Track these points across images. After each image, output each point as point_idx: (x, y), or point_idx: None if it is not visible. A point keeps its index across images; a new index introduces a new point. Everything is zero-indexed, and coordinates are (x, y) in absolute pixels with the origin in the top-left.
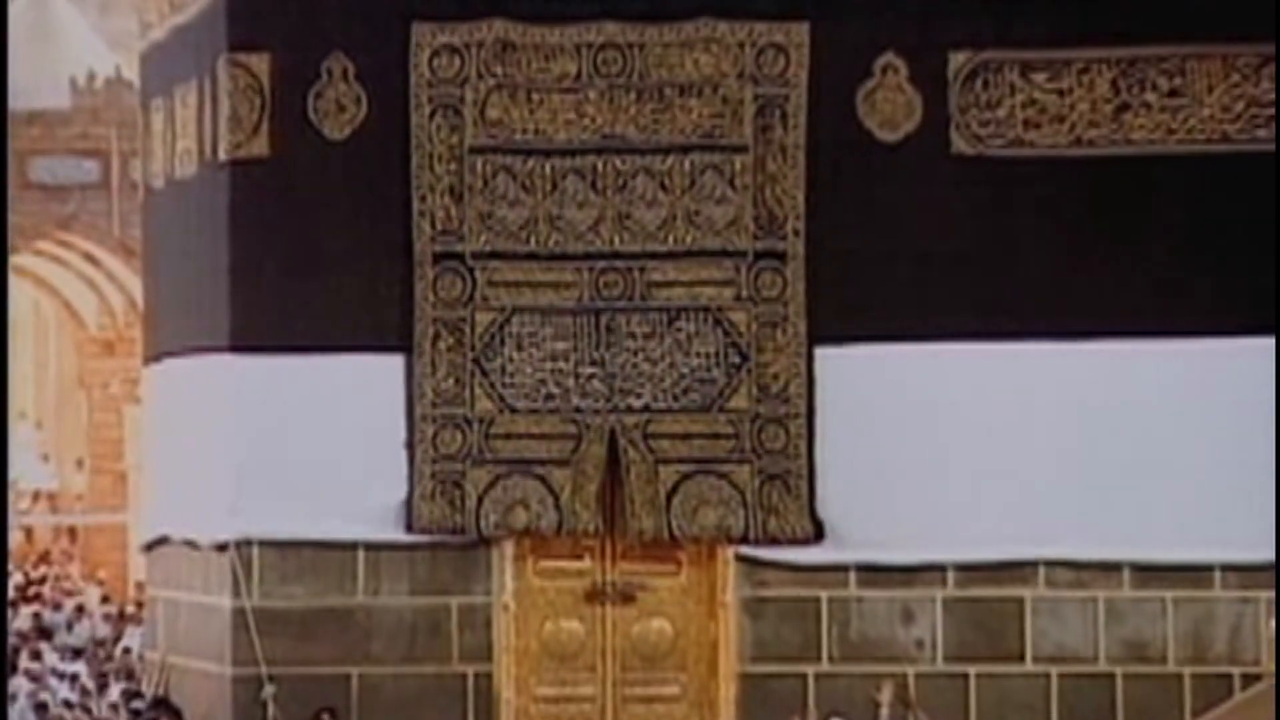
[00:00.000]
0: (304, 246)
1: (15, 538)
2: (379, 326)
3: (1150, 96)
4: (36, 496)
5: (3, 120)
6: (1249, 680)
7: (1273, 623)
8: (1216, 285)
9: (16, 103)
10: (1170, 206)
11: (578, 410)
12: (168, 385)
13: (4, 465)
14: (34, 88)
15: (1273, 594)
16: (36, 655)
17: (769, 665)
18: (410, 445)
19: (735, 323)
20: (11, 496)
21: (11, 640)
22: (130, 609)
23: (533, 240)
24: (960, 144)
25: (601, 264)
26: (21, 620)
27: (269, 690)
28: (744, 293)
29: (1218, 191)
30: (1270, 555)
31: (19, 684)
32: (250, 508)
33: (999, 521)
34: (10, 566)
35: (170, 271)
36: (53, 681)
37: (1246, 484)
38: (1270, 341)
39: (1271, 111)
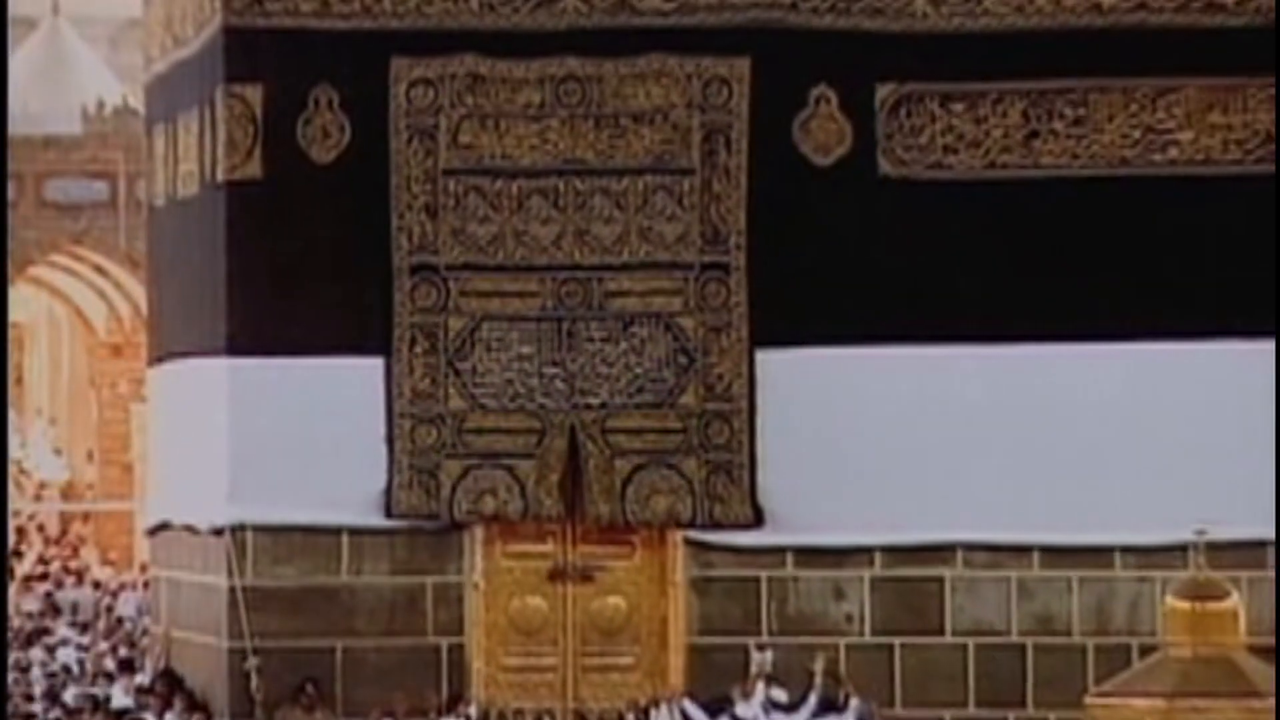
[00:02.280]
0: (293, 259)
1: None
2: (361, 332)
3: (1057, 125)
4: (42, 486)
5: (3, 134)
6: (1146, 651)
7: (1168, 598)
8: (1119, 294)
9: (33, 128)
10: (1075, 224)
11: (541, 408)
12: (170, 385)
13: (4, 464)
14: (49, 115)
15: (1168, 573)
16: (47, 631)
17: (714, 638)
18: (389, 439)
19: (684, 328)
20: (27, 486)
21: (28, 622)
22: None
23: (500, 254)
24: (886, 167)
25: (563, 275)
26: (37, 598)
27: (253, 662)
28: (692, 301)
29: (1117, 210)
30: (1163, 538)
31: (35, 654)
32: (244, 496)
33: (922, 507)
34: (37, 548)
35: (172, 281)
36: (66, 651)
37: (1142, 473)
38: (1172, 346)
39: (1168, 137)
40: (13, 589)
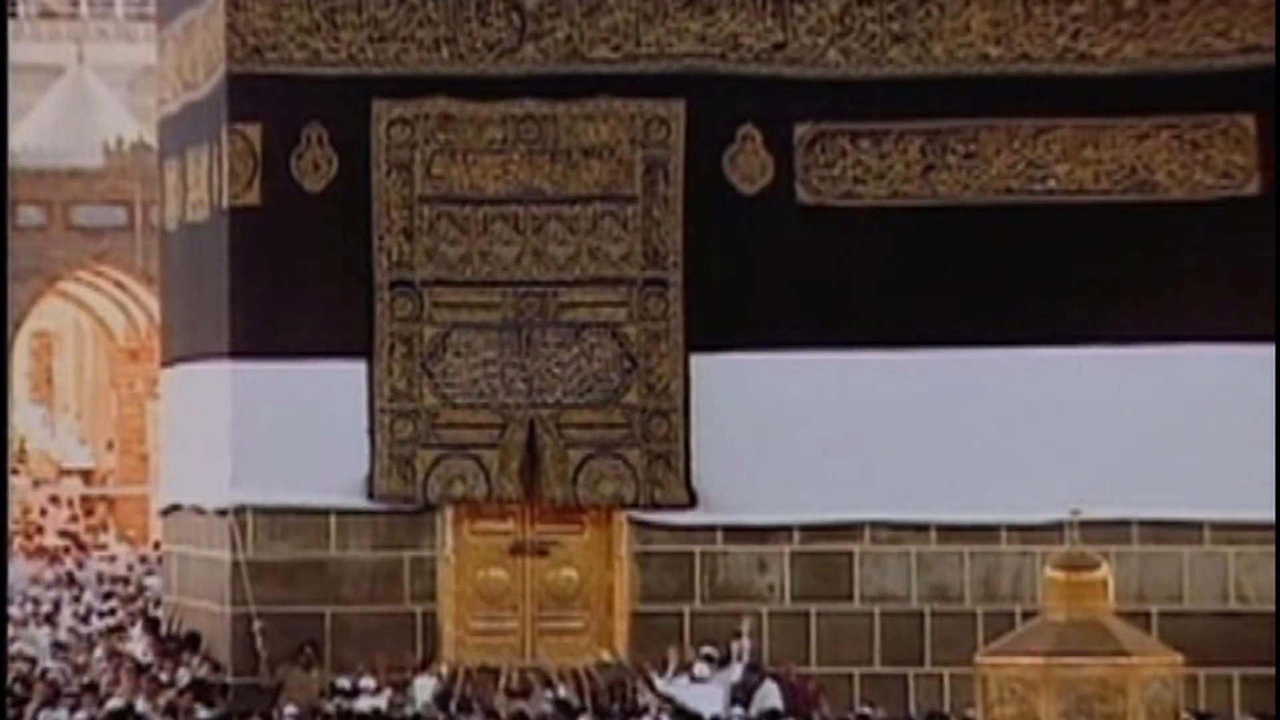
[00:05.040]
0: (288, 275)
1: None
2: (347, 338)
3: (951, 159)
4: (68, 474)
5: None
6: (1028, 615)
7: (1047, 569)
8: (1006, 305)
9: (61, 161)
10: (967, 245)
11: (504, 404)
12: (180, 385)
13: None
14: (75, 150)
15: (1047, 548)
16: (77, 599)
17: (654, 605)
18: (371, 432)
19: (628, 335)
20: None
21: (52, 592)
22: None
23: (468, 270)
24: (803, 196)
25: (522, 289)
26: (61, 570)
27: (258, 625)
28: (635, 312)
29: (1003, 232)
30: (1042, 517)
31: (64, 618)
32: (245, 481)
33: (834, 491)
34: (61, 521)
35: (182, 295)
36: (91, 620)
37: (1024, 461)
38: (1049, 352)
39: (1046, 170)
40: (38, 563)
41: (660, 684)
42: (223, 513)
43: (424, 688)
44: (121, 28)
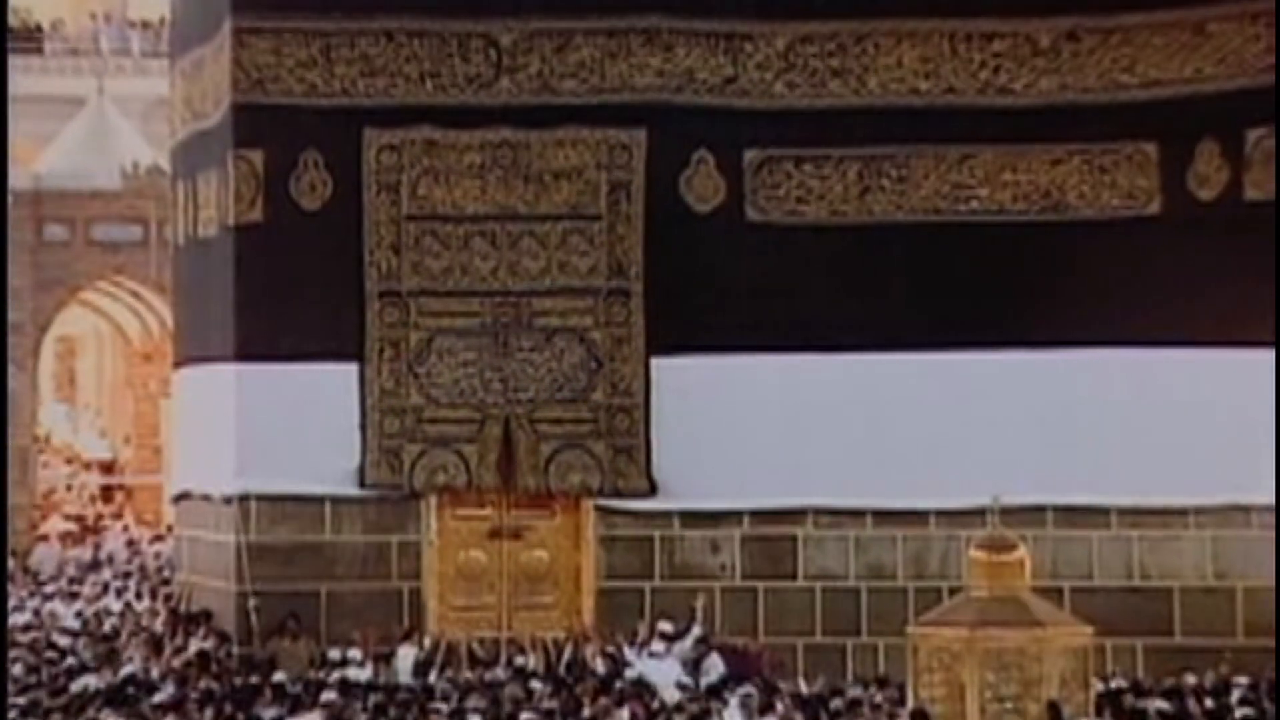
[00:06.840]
0: (287, 286)
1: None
2: (341, 343)
3: (885, 181)
4: (89, 465)
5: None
6: (954, 591)
7: (971, 550)
8: (931, 314)
9: (82, 183)
10: (899, 258)
11: (482, 402)
12: (190, 384)
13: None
14: (95, 173)
15: (970, 531)
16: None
17: (617, 583)
18: (363, 427)
19: (594, 340)
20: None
21: (74, 571)
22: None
23: (450, 282)
24: (752, 214)
25: (499, 298)
26: (85, 551)
27: (253, 603)
28: (600, 319)
29: (932, 247)
30: (966, 503)
31: (85, 591)
32: (249, 471)
33: (780, 480)
34: (77, 510)
35: (192, 303)
36: (109, 597)
37: (951, 453)
38: (973, 355)
39: (970, 192)
40: (59, 546)
41: (629, 656)
42: (228, 500)
43: (405, 657)
44: (138, 64)
